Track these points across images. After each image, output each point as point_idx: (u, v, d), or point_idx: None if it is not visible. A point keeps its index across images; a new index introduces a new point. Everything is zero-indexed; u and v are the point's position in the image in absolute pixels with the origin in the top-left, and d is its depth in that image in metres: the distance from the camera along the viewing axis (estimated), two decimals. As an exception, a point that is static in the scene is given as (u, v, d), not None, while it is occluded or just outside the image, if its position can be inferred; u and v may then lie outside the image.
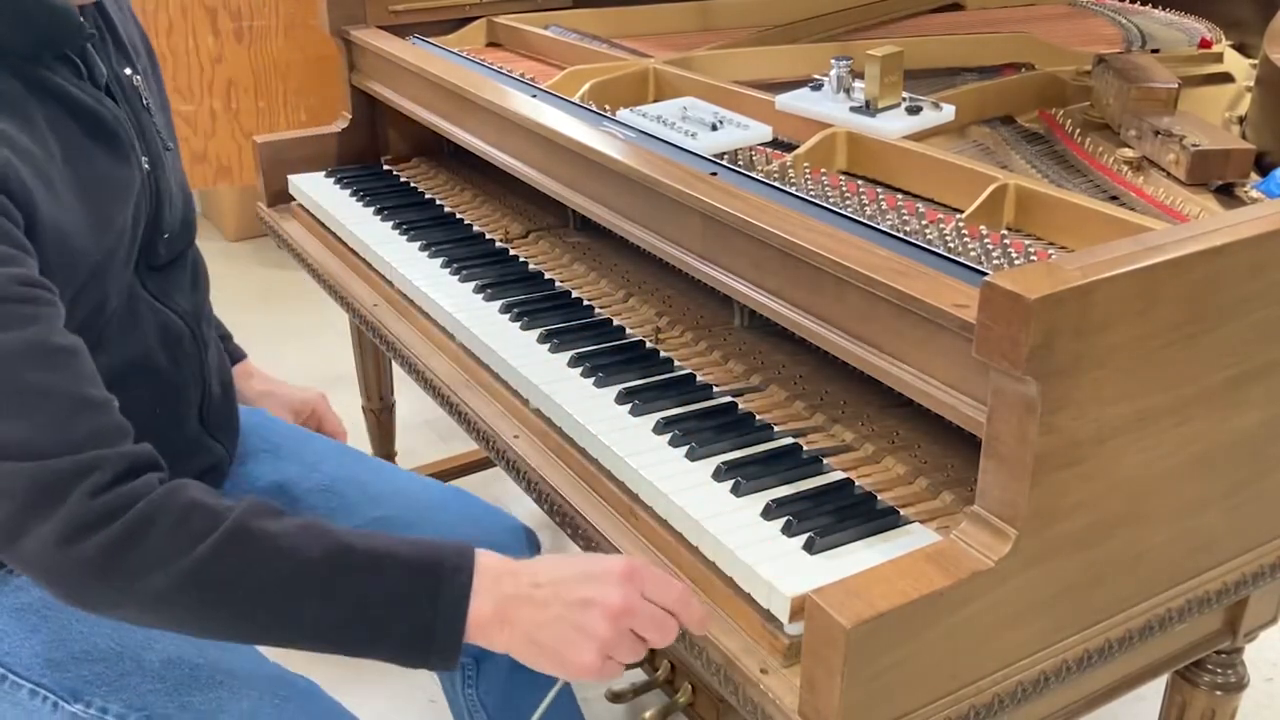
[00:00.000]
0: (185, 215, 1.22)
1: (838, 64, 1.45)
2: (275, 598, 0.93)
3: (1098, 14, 2.00)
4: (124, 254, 1.10)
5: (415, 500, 1.34)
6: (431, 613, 0.94)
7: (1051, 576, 0.94)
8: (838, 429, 1.21)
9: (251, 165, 2.61)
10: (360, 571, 0.94)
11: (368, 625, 0.94)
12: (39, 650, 1.10)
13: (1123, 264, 0.87)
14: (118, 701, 1.08)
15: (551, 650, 0.94)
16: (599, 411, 1.23)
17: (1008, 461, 0.89)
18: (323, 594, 0.93)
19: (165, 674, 1.10)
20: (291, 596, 0.93)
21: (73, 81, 1.06)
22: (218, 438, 1.25)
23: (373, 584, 0.94)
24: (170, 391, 1.17)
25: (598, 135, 1.40)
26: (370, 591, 0.93)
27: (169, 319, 1.17)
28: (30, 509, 0.89)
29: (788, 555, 1.01)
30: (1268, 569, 1.12)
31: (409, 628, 0.94)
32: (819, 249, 1.08)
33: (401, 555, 0.95)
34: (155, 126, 1.18)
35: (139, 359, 1.12)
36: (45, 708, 1.09)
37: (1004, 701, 0.96)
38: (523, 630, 0.94)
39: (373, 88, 1.92)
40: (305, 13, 2.88)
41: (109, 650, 1.10)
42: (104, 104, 1.09)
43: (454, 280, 1.56)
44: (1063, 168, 1.33)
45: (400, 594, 0.94)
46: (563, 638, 0.94)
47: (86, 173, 1.05)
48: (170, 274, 1.19)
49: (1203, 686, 1.27)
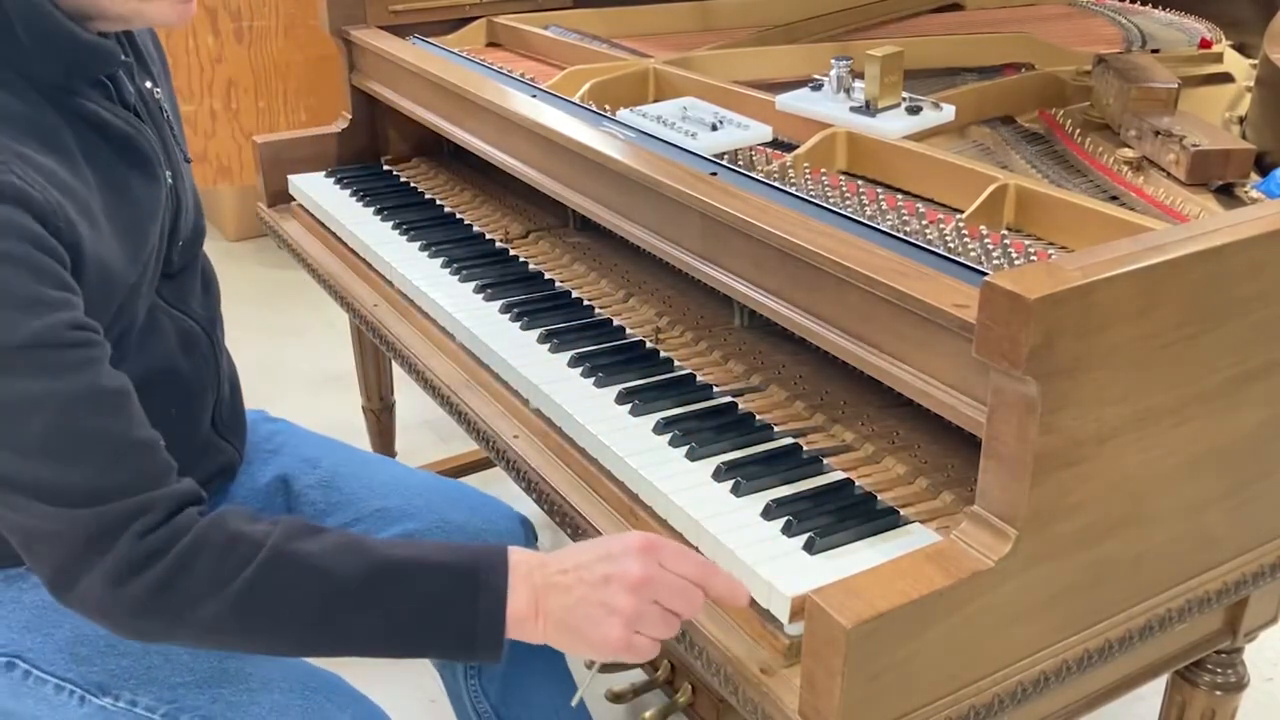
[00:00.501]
0: (197, 221, 1.23)
1: (838, 64, 1.45)
2: (319, 616, 0.96)
3: (1098, 14, 2.00)
4: (151, 272, 1.11)
5: (414, 491, 1.35)
6: (472, 615, 0.96)
7: (1051, 576, 0.94)
8: (838, 429, 1.21)
9: (251, 165, 2.61)
10: (400, 583, 0.96)
11: (413, 633, 0.97)
12: (62, 646, 1.11)
13: (1123, 264, 0.87)
14: (147, 694, 1.10)
15: (579, 631, 0.96)
16: (599, 411, 1.23)
17: (1008, 461, 0.89)
18: (365, 608, 0.96)
19: (194, 666, 1.11)
20: (335, 613, 0.96)
21: (104, 105, 1.06)
22: (228, 439, 1.26)
23: (413, 595, 0.96)
24: (189, 396, 1.18)
25: (598, 135, 1.40)
26: (411, 602, 0.96)
27: (186, 325, 1.18)
28: (86, 552, 0.93)
29: (788, 555, 1.01)
30: (1268, 569, 1.12)
31: (453, 632, 0.97)
32: (819, 249, 1.08)
33: (438, 562, 0.97)
34: (175, 138, 1.19)
35: (161, 366, 1.13)
36: (72, 702, 1.10)
37: (1004, 701, 0.96)
38: (555, 617, 0.96)
39: (373, 88, 1.92)
40: (305, 13, 2.88)
41: (135, 645, 1.11)
42: (134, 125, 1.09)
43: (454, 280, 1.56)
44: (1063, 168, 1.33)
45: (441, 600, 0.96)
46: (588, 617, 0.95)
47: (122, 199, 1.05)
48: (184, 281, 1.20)
49: (1203, 686, 1.27)
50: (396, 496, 1.33)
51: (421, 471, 1.45)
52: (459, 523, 1.31)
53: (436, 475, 1.44)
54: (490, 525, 1.33)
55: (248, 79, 2.92)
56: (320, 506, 1.32)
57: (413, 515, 1.30)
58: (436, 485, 1.38)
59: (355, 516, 1.30)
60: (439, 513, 1.31)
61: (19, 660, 1.11)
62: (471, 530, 1.31)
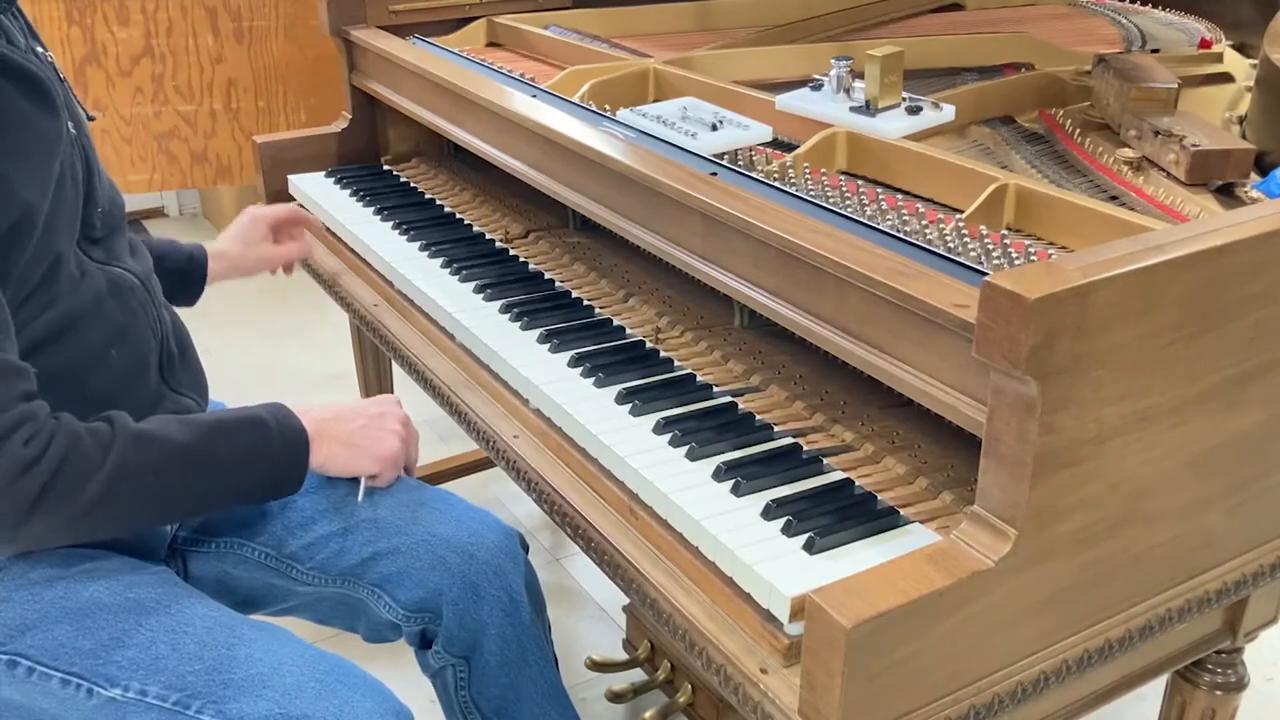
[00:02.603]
0: (113, 195, 1.26)
1: (838, 64, 1.45)
2: (177, 476, 1.13)
3: (1098, 14, 2.00)
4: (68, 212, 1.14)
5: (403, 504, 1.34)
6: (282, 449, 1.20)
7: (1051, 576, 0.94)
8: (838, 429, 1.21)
9: (251, 165, 2.61)
10: (226, 438, 1.16)
11: (246, 473, 1.18)
12: (64, 640, 1.11)
13: (1123, 264, 0.87)
14: (156, 683, 1.10)
15: (366, 448, 1.28)
16: (599, 411, 1.23)
17: (1008, 461, 0.89)
18: (208, 464, 1.15)
19: (202, 655, 1.11)
20: (188, 471, 1.14)
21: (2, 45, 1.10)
22: (183, 392, 1.28)
23: (238, 443, 1.17)
24: (124, 338, 1.21)
25: (598, 135, 1.40)
26: (241, 448, 1.17)
27: (117, 274, 1.21)
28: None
29: (788, 555, 1.01)
30: (1268, 569, 1.12)
31: (277, 463, 1.20)
32: (819, 249, 1.08)
33: (245, 418, 1.19)
34: (75, 97, 1.23)
35: (92, 309, 1.17)
36: (80, 695, 1.10)
37: (1004, 701, 0.96)
38: (340, 440, 1.25)
39: (373, 88, 1.92)
40: (305, 13, 2.87)
41: (142, 637, 1.12)
42: (31, 62, 1.12)
43: (454, 280, 1.56)
44: (1063, 168, 1.33)
45: (259, 443, 1.18)
46: (371, 436, 1.28)
47: (21, 129, 1.09)
48: (110, 244, 1.22)
49: (1203, 686, 1.27)
50: (385, 509, 1.32)
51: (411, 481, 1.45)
52: (445, 536, 1.31)
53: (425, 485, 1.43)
54: (478, 539, 1.32)
55: (248, 79, 2.92)
56: (308, 514, 1.32)
57: (400, 530, 1.31)
58: (425, 497, 1.38)
59: (344, 526, 1.31)
60: (426, 527, 1.31)
61: (20, 658, 1.11)
62: (458, 544, 1.31)
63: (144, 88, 2.83)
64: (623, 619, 1.69)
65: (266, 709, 1.08)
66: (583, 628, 2.10)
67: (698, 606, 1.04)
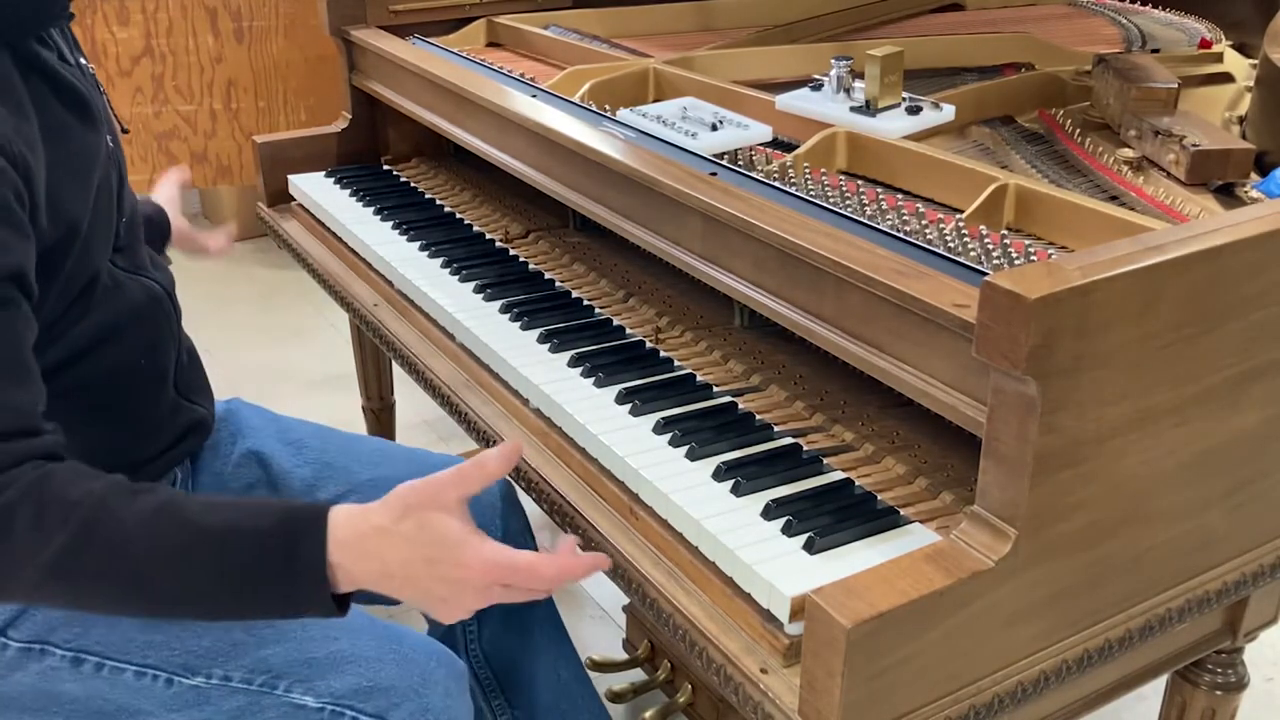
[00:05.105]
0: (134, 204, 1.27)
1: (838, 64, 1.45)
2: (132, 584, 0.95)
3: (1098, 14, 2.00)
4: (104, 225, 1.14)
5: (401, 461, 1.35)
6: (290, 579, 0.96)
7: (1051, 576, 0.94)
8: (838, 429, 1.21)
9: (251, 165, 2.61)
10: (215, 551, 0.96)
11: (230, 599, 0.98)
12: (132, 634, 1.11)
13: (1123, 264, 0.87)
14: (239, 668, 1.10)
15: (427, 607, 1.00)
16: (599, 411, 1.23)
17: (1008, 461, 0.89)
18: (179, 576, 0.95)
19: (280, 637, 1.12)
20: (147, 581, 0.95)
21: (51, 59, 1.10)
22: (193, 400, 1.28)
23: (228, 563, 0.96)
24: (154, 348, 1.21)
25: (598, 135, 1.40)
26: (232, 568, 0.96)
27: (148, 284, 1.21)
28: None
29: (788, 555, 1.01)
30: (1268, 569, 1.12)
31: (273, 596, 0.98)
32: (819, 249, 1.08)
33: (252, 528, 0.96)
34: (111, 111, 1.23)
35: (128, 317, 1.16)
36: (158, 685, 1.10)
37: (1004, 701, 0.96)
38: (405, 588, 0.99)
39: (373, 88, 1.92)
40: (305, 13, 2.88)
41: (215, 626, 1.11)
42: (79, 80, 1.13)
43: (454, 280, 1.56)
44: (1063, 168, 1.33)
45: (255, 568, 0.96)
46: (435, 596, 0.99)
47: (67, 146, 1.09)
48: (132, 254, 1.23)
49: (1203, 686, 1.27)
50: (388, 466, 1.33)
51: (404, 445, 1.46)
52: None
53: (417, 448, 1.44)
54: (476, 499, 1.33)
55: (248, 79, 2.92)
56: (310, 482, 1.33)
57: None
58: (421, 456, 1.39)
59: (349, 487, 1.31)
60: None
61: (86, 654, 1.11)
62: None
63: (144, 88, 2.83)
64: (623, 619, 1.69)
65: (354, 683, 1.09)
66: (583, 628, 2.10)
67: (698, 606, 1.04)
